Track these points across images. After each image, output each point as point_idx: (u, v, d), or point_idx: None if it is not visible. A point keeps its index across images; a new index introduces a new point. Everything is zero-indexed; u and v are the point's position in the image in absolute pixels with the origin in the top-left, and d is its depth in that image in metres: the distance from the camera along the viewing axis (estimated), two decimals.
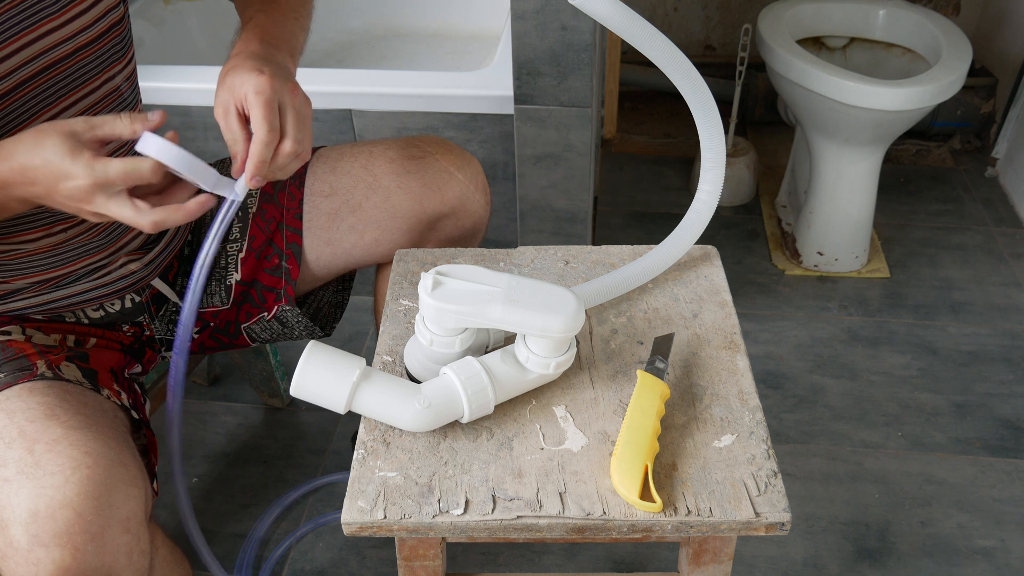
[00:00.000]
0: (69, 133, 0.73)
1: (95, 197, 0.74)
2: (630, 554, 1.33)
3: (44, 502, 0.73)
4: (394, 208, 1.06)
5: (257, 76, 0.79)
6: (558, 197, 1.46)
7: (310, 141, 0.84)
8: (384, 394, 0.77)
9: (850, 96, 1.58)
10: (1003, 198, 2.10)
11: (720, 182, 0.90)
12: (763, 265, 1.91)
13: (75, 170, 0.72)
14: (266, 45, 0.87)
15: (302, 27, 0.97)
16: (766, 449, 0.77)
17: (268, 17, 0.92)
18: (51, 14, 0.82)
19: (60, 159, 0.72)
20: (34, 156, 0.73)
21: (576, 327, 0.77)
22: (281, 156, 0.81)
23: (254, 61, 0.82)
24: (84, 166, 0.72)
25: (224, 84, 0.82)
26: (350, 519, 0.73)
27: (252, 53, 0.85)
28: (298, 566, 1.33)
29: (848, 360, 1.66)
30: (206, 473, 1.47)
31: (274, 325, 1.13)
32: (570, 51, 1.28)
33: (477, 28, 2.23)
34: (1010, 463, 1.46)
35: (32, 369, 0.86)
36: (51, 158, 0.73)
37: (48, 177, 0.73)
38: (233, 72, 0.81)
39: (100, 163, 0.73)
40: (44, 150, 0.73)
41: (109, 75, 0.90)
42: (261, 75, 0.79)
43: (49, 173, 0.73)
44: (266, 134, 0.79)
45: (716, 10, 2.43)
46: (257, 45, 0.87)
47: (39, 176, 0.74)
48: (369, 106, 1.51)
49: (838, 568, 1.31)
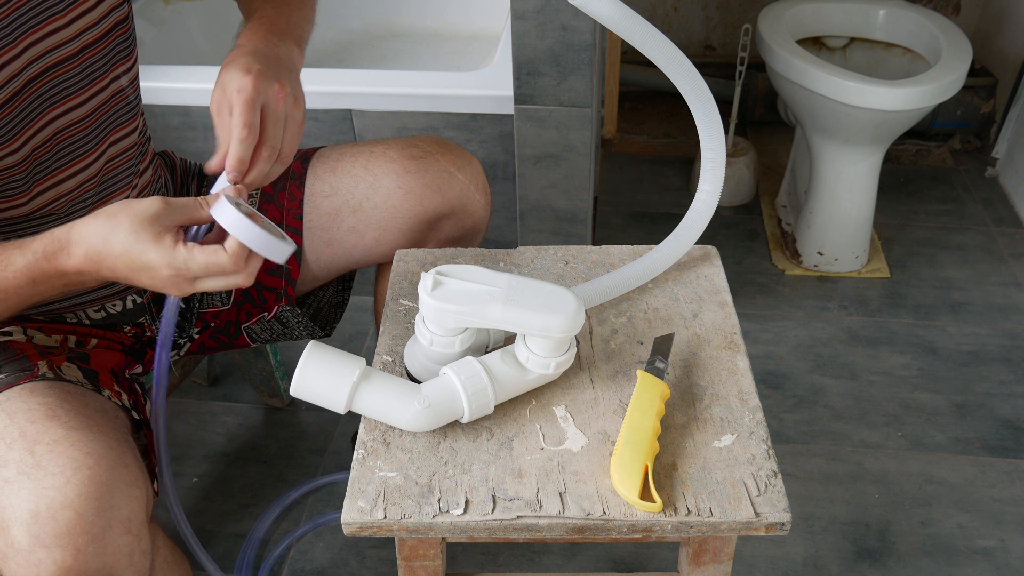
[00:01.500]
0: (146, 219, 0.72)
1: (181, 284, 0.74)
2: (630, 554, 1.33)
3: (45, 503, 0.73)
4: (394, 208, 1.06)
5: (243, 75, 0.79)
6: (558, 197, 1.46)
7: (294, 145, 0.83)
8: (384, 394, 0.77)
9: (850, 96, 1.58)
10: (1003, 198, 2.10)
11: (720, 182, 0.90)
12: (763, 265, 1.91)
13: (156, 260, 0.72)
14: (272, 36, 0.87)
15: (307, 18, 0.97)
16: (766, 449, 0.78)
17: (275, 8, 0.92)
18: (56, 13, 0.82)
19: (139, 249, 0.72)
20: (111, 244, 0.72)
21: (576, 327, 0.77)
22: (259, 160, 0.80)
23: (247, 59, 0.82)
24: (165, 256, 0.72)
25: (219, 81, 0.82)
26: (350, 519, 0.73)
27: (251, 49, 0.84)
28: (298, 566, 1.33)
29: (848, 360, 1.66)
30: (206, 473, 1.47)
31: (274, 325, 1.13)
32: (570, 51, 1.28)
33: (477, 28, 2.23)
34: (1010, 463, 1.46)
35: (33, 370, 0.86)
36: (129, 247, 0.72)
37: (127, 265, 0.73)
38: (227, 68, 0.82)
39: (182, 254, 0.72)
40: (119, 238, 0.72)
41: (115, 74, 0.90)
42: (247, 74, 0.79)
43: (129, 261, 0.73)
44: (240, 130, 0.78)
45: (716, 10, 2.43)
46: (262, 37, 0.87)
47: (117, 265, 0.73)
48: (369, 106, 1.51)
49: (838, 568, 1.31)
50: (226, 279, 0.75)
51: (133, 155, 0.96)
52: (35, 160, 0.85)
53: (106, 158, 0.92)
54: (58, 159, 0.87)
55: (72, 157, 0.88)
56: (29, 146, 0.84)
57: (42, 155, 0.85)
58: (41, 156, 0.85)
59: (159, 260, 0.72)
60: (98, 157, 0.91)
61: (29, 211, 0.87)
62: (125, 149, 0.95)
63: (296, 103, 0.84)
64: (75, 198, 0.90)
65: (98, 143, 0.91)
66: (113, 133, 0.92)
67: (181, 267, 0.72)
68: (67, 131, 0.87)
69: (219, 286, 0.75)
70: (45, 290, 0.78)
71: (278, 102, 0.81)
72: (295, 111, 0.83)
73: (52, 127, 0.85)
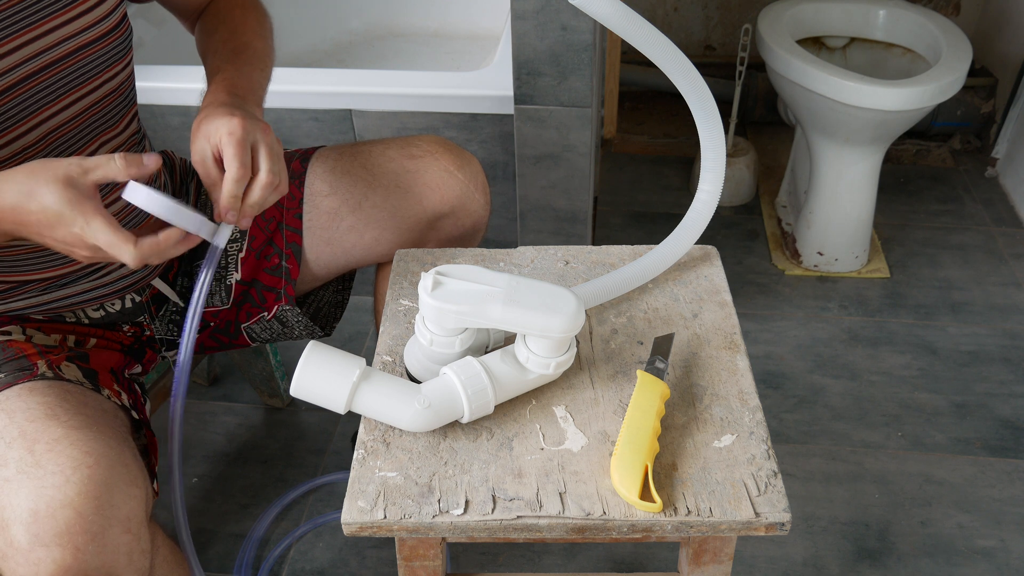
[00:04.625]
0: (65, 179, 0.73)
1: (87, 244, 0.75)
2: (630, 554, 1.33)
3: (45, 502, 0.73)
4: (394, 208, 1.06)
5: (229, 119, 0.82)
6: (558, 197, 1.46)
7: (286, 176, 0.86)
8: (384, 394, 0.77)
9: (850, 96, 1.58)
10: (1003, 198, 2.10)
11: (720, 182, 0.90)
12: (763, 265, 1.91)
13: (72, 218, 0.73)
14: (234, 96, 0.89)
15: (266, 77, 0.99)
16: (766, 449, 0.78)
17: (235, 69, 0.94)
18: (54, 12, 0.83)
19: (59, 207, 0.73)
20: (30, 200, 0.73)
21: (576, 327, 0.77)
22: (256, 188, 0.82)
23: (225, 108, 0.84)
24: (81, 218, 0.73)
25: (199, 133, 0.84)
26: (350, 519, 0.73)
27: (222, 102, 0.87)
28: (298, 566, 1.33)
29: (848, 360, 1.66)
30: (206, 473, 1.47)
31: (274, 325, 1.13)
32: (570, 51, 1.28)
33: (477, 28, 2.23)
34: (1010, 463, 1.46)
35: (32, 369, 0.86)
36: (49, 205, 0.73)
37: (42, 222, 0.74)
38: (207, 120, 0.83)
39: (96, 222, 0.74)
40: (41, 196, 0.73)
41: (110, 75, 0.90)
42: (233, 117, 0.82)
43: (44, 218, 0.74)
44: (237, 170, 0.81)
45: (716, 10, 2.43)
46: (225, 96, 0.89)
47: (31, 220, 0.74)
48: (369, 106, 1.51)
49: (838, 568, 1.31)
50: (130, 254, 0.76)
51: None
52: (26, 159, 0.85)
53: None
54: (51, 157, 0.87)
55: (64, 155, 0.89)
56: (20, 143, 0.84)
57: (34, 154, 0.86)
58: (34, 155, 0.86)
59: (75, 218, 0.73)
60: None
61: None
62: (116, 149, 0.95)
63: (278, 142, 0.86)
64: None
65: (88, 142, 0.91)
66: (104, 134, 0.93)
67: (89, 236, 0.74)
68: (59, 130, 0.87)
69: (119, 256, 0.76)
70: None
71: (268, 136, 0.83)
72: (279, 148, 0.86)
73: (44, 126, 0.86)
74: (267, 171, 0.82)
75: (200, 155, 0.83)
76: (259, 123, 0.84)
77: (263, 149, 0.83)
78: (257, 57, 0.98)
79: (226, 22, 1.01)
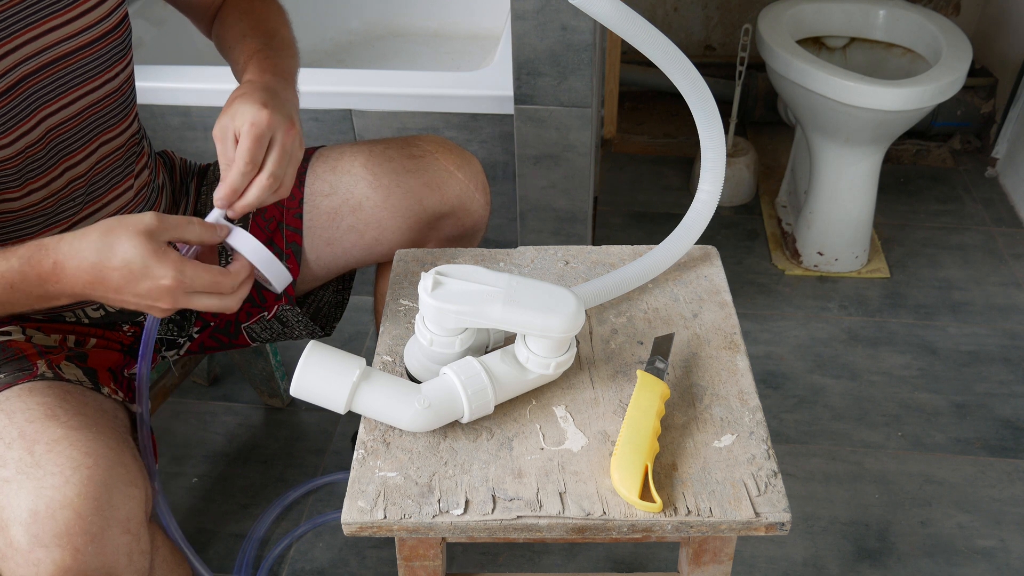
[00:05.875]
0: (146, 232, 0.74)
1: (178, 297, 0.75)
2: (630, 554, 1.33)
3: (44, 502, 0.73)
4: (394, 207, 1.06)
5: (258, 109, 0.81)
6: (558, 197, 1.46)
7: (291, 181, 0.85)
8: (384, 394, 0.77)
9: (850, 96, 1.58)
10: (1003, 198, 2.10)
11: (720, 182, 0.90)
12: (763, 265, 1.91)
13: (160, 271, 0.73)
14: (279, 78, 0.89)
15: (296, 64, 0.99)
16: (766, 449, 0.77)
17: (273, 51, 0.95)
18: (54, 12, 0.83)
19: (144, 260, 0.73)
20: (111, 256, 0.73)
21: (576, 327, 0.77)
22: (254, 188, 0.82)
23: (263, 94, 0.84)
24: (172, 268, 0.74)
25: (229, 109, 0.83)
26: (350, 519, 0.73)
27: (264, 85, 0.86)
28: (298, 566, 1.33)
29: (848, 360, 1.66)
30: (206, 473, 1.47)
31: (274, 325, 1.13)
32: (570, 51, 1.28)
33: (477, 28, 2.23)
34: (1010, 463, 1.46)
35: (32, 369, 0.86)
36: (132, 259, 0.73)
37: (125, 277, 0.74)
38: (241, 99, 0.83)
39: (190, 268, 0.75)
40: (123, 251, 0.73)
41: (109, 76, 0.90)
42: (263, 108, 0.81)
43: (127, 273, 0.74)
44: (244, 164, 0.80)
45: (716, 10, 2.43)
46: (271, 76, 0.89)
47: (113, 276, 0.74)
48: (369, 106, 1.51)
49: (838, 568, 1.31)
50: (221, 300, 0.78)
51: (123, 155, 0.97)
52: (28, 156, 0.85)
53: (97, 157, 0.93)
54: (51, 156, 0.88)
55: (63, 154, 0.89)
56: (22, 142, 0.84)
57: (36, 152, 0.86)
58: (35, 153, 0.86)
59: (163, 271, 0.74)
60: (88, 156, 0.92)
61: (22, 206, 0.87)
62: (115, 149, 0.95)
63: (300, 144, 0.86)
64: (65, 196, 0.91)
65: (88, 142, 0.91)
66: (104, 133, 0.93)
67: (186, 280, 0.75)
68: (59, 128, 0.87)
69: (211, 305, 0.78)
70: (19, 299, 0.78)
71: (288, 137, 0.83)
72: (298, 150, 0.86)
73: (45, 124, 0.86)
74: (269, 173, 0.82)
75: (222, 131, 0.82)
76: (284, 122, 0.83)
77: (276, 150, 0.82)
78: (286, 44, 0.99)
79: (249, 13, 1.01)
